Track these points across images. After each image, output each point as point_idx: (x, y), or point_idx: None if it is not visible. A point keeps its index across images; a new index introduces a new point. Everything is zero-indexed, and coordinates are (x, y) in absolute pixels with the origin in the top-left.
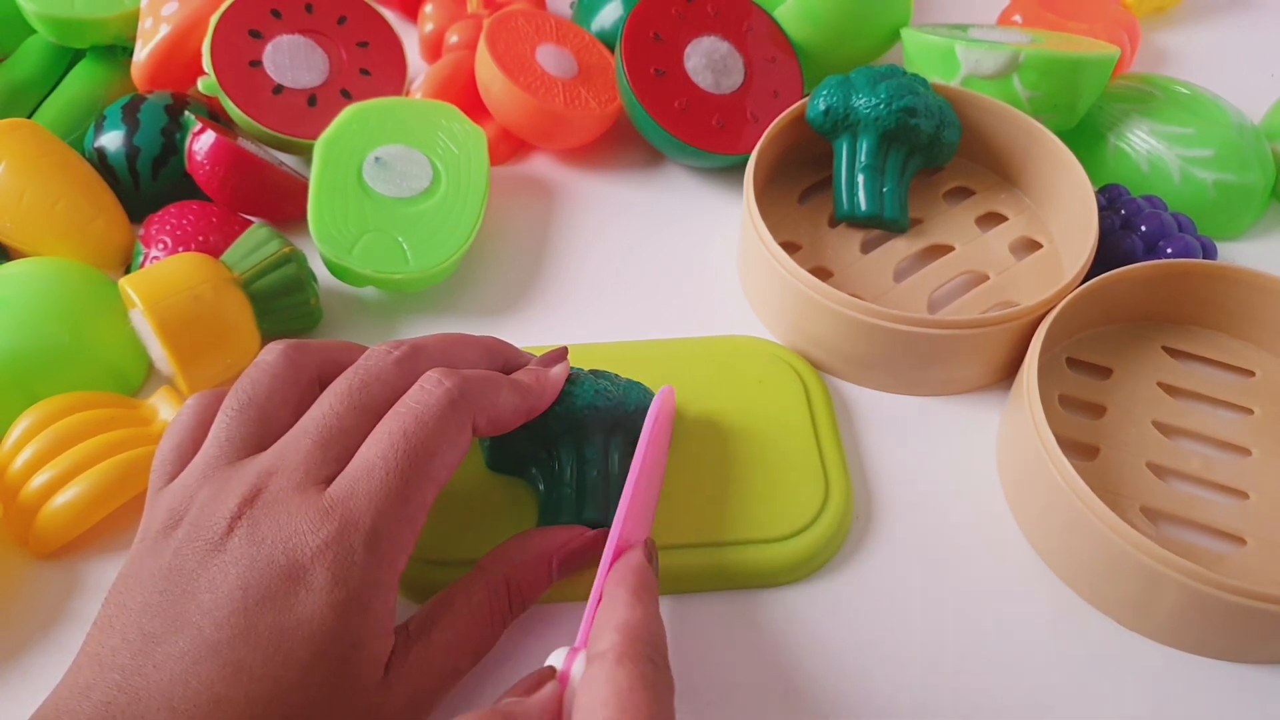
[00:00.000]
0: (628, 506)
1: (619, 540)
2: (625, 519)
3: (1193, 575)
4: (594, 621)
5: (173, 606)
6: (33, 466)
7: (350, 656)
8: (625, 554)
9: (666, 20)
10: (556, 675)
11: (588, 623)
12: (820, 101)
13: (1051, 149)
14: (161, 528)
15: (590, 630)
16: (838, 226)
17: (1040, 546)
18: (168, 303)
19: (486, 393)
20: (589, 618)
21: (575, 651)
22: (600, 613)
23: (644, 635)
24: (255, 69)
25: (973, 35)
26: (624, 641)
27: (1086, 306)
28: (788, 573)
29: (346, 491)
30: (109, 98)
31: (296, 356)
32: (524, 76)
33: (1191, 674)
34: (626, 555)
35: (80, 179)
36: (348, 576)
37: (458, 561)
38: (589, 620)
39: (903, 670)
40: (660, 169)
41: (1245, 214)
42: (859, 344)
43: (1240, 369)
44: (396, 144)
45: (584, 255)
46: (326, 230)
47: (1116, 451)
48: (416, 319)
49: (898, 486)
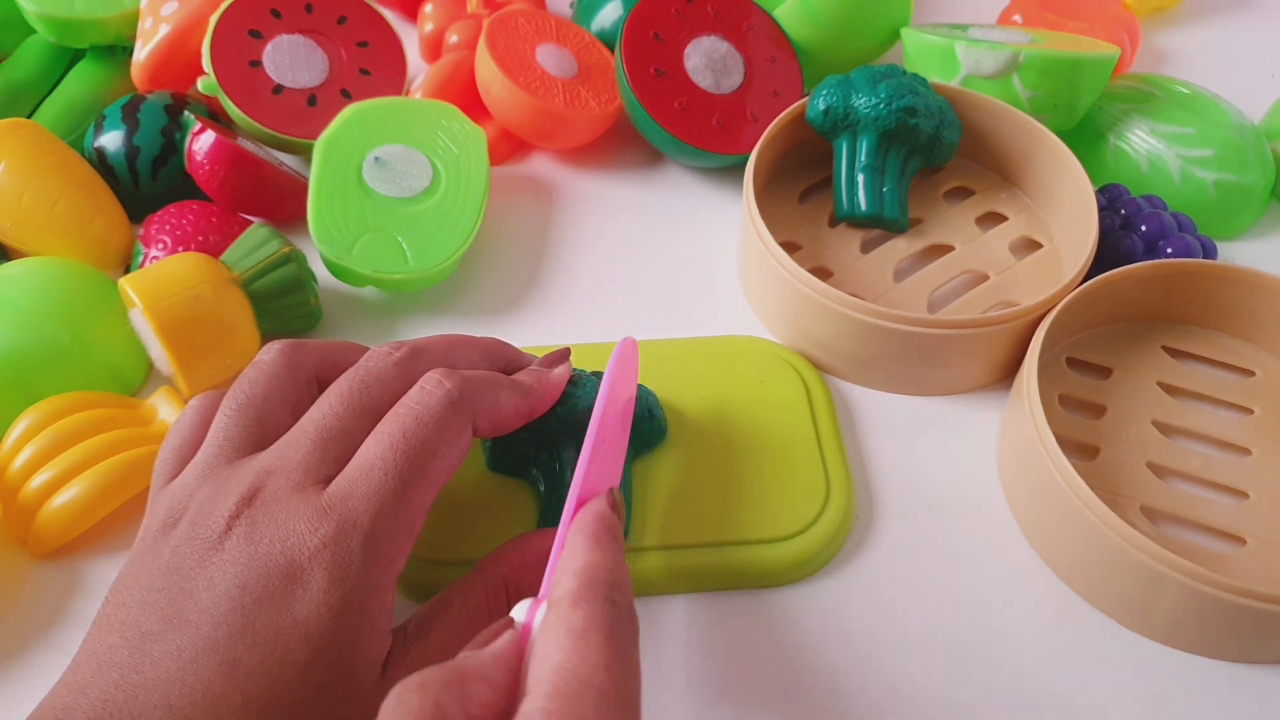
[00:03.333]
0: (589, 457)
1: (580, 491)
2: (587, 469)
3: (1193, 575)
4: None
5: (171, 605)
6: (32, 466)
7: (347, 656)
8: (588, 503)
9: (666, 20)
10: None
11: (550, 573)
12: (820, 101)
13: (1051, 149)
14: (161, 527)
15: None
16: (838, 226)
17: (1040, 546)
18: (168, 303)
19: (487, 394)
20: (551, 568)
21: (538, 602)
22: (560, 561)
23: (602, 576)
24: (255, 69)
25: (973, 35)
26: (581, 585)
27: (1086, 306)
28: (789, 573)
29: (345, 491)
30: (109, 98)
31: (294, 356)
32: (524, 76)
33: (1191, 674)
34: (589, 504)
35: (80, 179)
36: (345, 576)
37: (458, 561)
38: (551, 571)
39: (903, 670)
40: (660, 169)
41: (1245, 214)
42: (859, 344)
43: (1240, 369)
44: (396, 144)
45: (584, 255)
46: (326, 230)
47: (1116, 451)
48: (416, 319)
49: (898, 486)
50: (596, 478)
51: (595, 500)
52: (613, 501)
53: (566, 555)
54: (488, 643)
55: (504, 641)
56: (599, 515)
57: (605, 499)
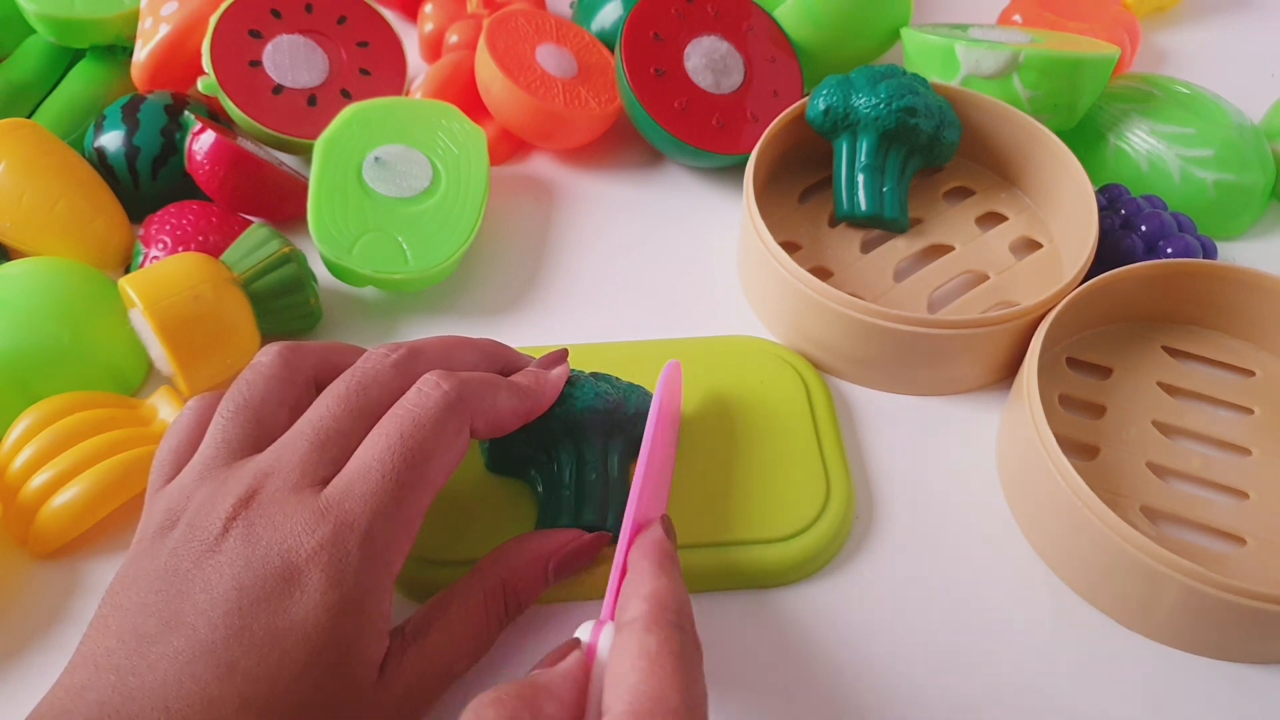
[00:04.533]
0: (642, 482)
1: (635, 515)
2: (641, 495)
3: (1193, 575)
4: (620, 593)
5: (168, 607)
6: (32, 466)
7: (345, 658)
8: (644, 530)
9: (666, 20)
10: (582, 646)
11: (612, 596)
12: (820, 101)
13: (1052, 149)
14: (158, 528)
15: (616, 603)
16: (838, 226)
17: (1040, 546)
18: (168, 303)
19: (484, 395)
20: (613, 591)
21: (602, 624)
22: (626, 585)
23: (671, 603)
24: (255, 69)
25: (973, 35)
26: (652, 609)
27: (1086, 306)
28: (789, 573)
29: (342, 493)
30: (109, 98)
31: (292, 358)
32: (524, 76)
33: (1191, 674)
34: (646, 531)
35: (80, 179)
36: (342, 578)
37: (456, 562)
38: (613, 594)
39: (903, 669)
40: (660, 169)
41: (1245, 214)
42: (859, 344)
43: (1240, 369)
44: (396, 144)
45: (584, 255)
46: (326, 230)
47: (1116, 451)
48: (416, 319)
49: (898, 486)
50: (650, 503)
51: (652, 527)
52: (668, 528)
53: (632, 580)
54: (555, 662)
55: (572, 661)
56: (659, 542)
57: (661, 525)
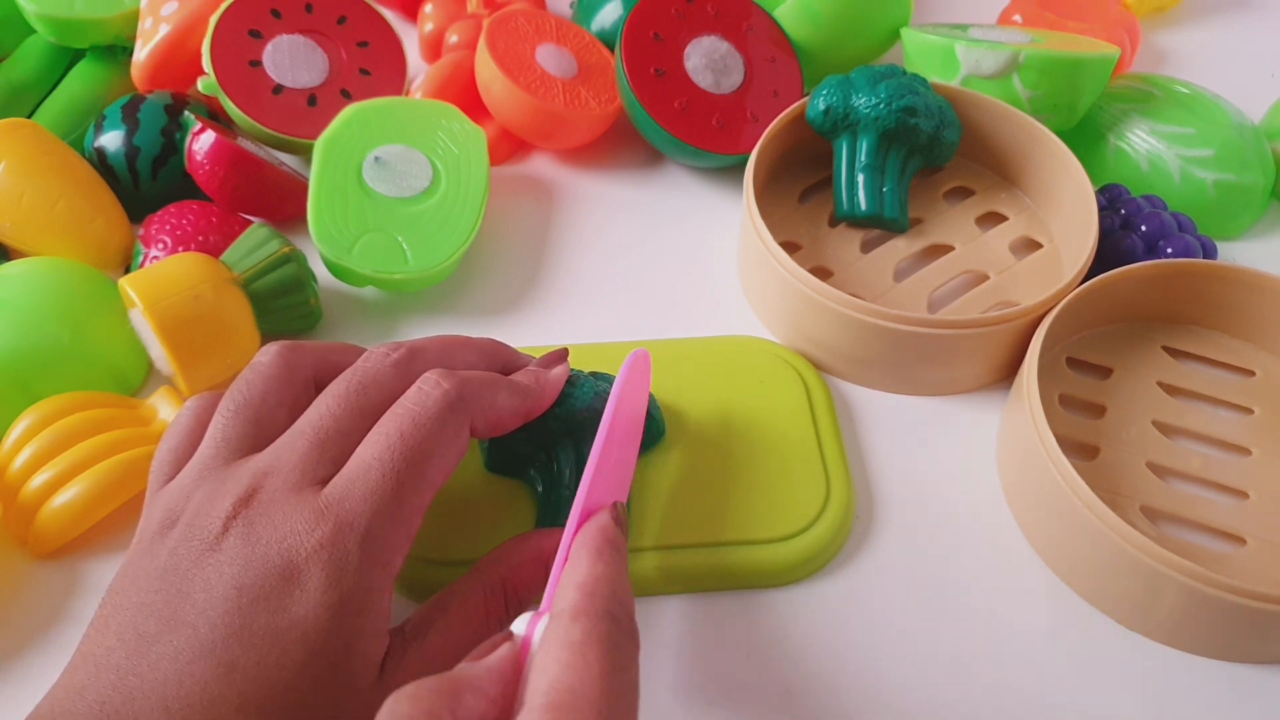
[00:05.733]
0: (594, 470)
1: (585, 503)
2: (592, 482)
3: (1193, 575)
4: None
5: (168, 606)
6: (32, 466)
7: (344, 657)
8: (592, 516)
9: (666, 20)
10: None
11: (551, 587)
12: (820, 101)
13: (1052, 149)
14: (158, 528)
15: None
16: (838, 226)
17: (1040, 546)
18: (168, 303)
19: (484, 394)
20: (553, 581)
21: (539, 615)
22: (564, 574)
23: (603, 590)
24: (255, 69)
25: (973, 35)
26: (582, 598)
27: (1086, 306)
28: (789, 573)
29: (342, 492)
30: (109, 98)
31: (291, 358)
32: (524, 76)
33: (1191, 674)
34: (594, 518)
35: (80, 179)
36: (342, 577)
37: (456, 561)
38: (553, 584)
39: (903, 670)
40: (660, 169)
41: (1245, 214)
42: (859, 344)
43: (1240, 369)
44: (396, 144)
45: (584, 255)
46: (326, 230)
47: (1116, 451)
48: (416, 319)
49: (898, 486)
50: (602, 490)
51: (600, 514)
52: (617, 515)
53: (569, 569)
54: (486, 655)
55: (501, 654)
56: (602, 529)
57: (609, 512)
